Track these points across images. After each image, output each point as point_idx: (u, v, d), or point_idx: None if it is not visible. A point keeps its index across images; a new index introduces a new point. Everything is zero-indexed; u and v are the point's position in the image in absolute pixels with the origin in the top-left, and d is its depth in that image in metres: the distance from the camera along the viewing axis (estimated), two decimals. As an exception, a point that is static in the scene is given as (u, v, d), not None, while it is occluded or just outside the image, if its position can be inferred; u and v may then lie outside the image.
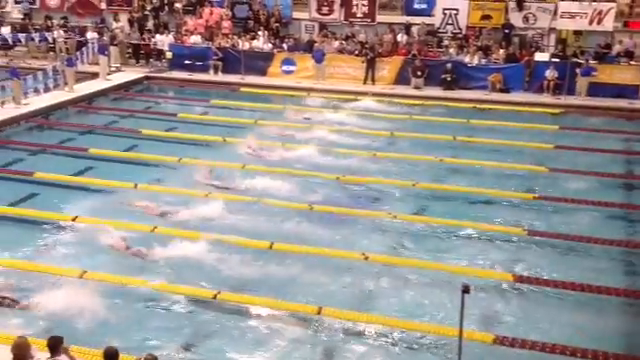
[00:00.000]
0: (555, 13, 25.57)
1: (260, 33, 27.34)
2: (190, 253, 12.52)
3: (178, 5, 29.17)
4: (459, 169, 17.60)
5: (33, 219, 13.83)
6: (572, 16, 25.07)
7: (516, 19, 26.15)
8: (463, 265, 12.50)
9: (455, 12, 26.82)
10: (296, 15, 28.55)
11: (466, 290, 8.34)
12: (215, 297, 11.06)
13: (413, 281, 12.00)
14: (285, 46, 27.06)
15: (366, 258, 12.49)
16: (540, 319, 10.90)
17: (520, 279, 11.90)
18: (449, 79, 24.82)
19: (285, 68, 26.50)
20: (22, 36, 28.25)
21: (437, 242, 13.50)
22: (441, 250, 13.11)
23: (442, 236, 13.73)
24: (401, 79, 25.43)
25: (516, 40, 26.26)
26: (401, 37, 26.65)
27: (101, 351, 7.73)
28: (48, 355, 7.68)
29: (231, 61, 26.55)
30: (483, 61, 25.28)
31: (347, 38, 27.03)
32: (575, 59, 24.39)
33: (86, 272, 11.51)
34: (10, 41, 28.24)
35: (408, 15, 27.57)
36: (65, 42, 28.09)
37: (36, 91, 22.86)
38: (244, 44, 26.91)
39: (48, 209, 14.30)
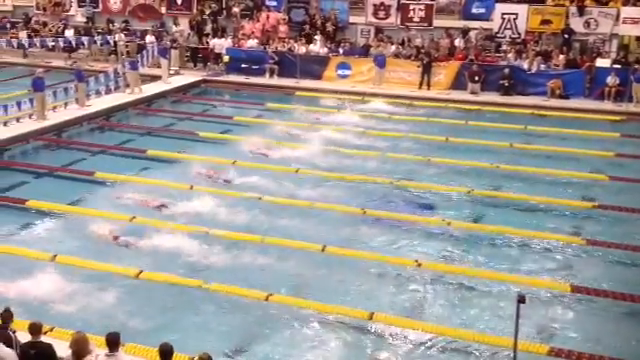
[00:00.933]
0: (617, 18, 24.94)
1: (316, 37, 27.44)
2: (243, 255, 12.66)
3: (236, 9, 29.52)
4: (516, 176, 17.29)
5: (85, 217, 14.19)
6: (635, 22, 24.42)
7: (577, 24, 25.56)
8: (519, 274, 12.27)
9: (514, 17, 26.39)
10: (352, 19, 28.55)
11: (522, 300, 8.21)
12: (267, 299, 11.13)
13: (466, 289, 11.84)
14: (341, 50, 27.10)
15: (419, 265, 12.39)
16: (597, 331, 10.64)
17: (578, 290, 11.61)
18: (507, 84, 24.44)
19: (340, 72, 26.53)
20: (85, 39, 29.02)
21: (492, 250, 13.29)
22: (496, 258, 12.89)
23: (497, 244, 13.51)
24: (457, 84, 25.16)
25: (577, 46, 25.66)
26: (458, 42, 26.37)
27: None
28: (106, 351, 7.85)
29: (287, 65, 26.72)
30: (542, 67, 24.79)
31: (403, 42, 26.90)
32: (638, 65, 23.69)
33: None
34: (73, 44, 29.03)
35: (466, 19, 27.26)
36: (126, 45, 28.76)
37: (97, 93, 23.45)
38: (300, 48, 27.06)
39: (104, 208, 14.64)
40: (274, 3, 29.14)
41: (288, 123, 21.31)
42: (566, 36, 25.49)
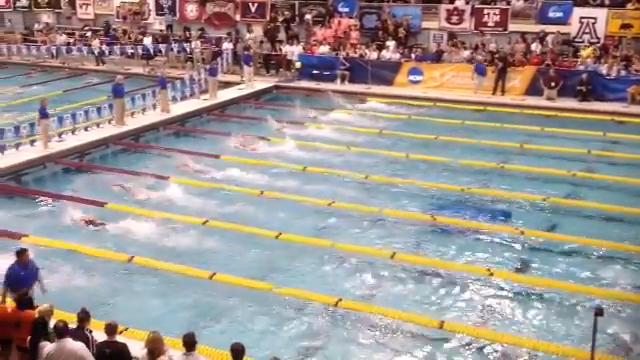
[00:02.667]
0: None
1: (388, 43, 27.36)
2: (311, 259, 12.75)
3: (308, 16, 29.77)
4: (593, 184, 16.79)
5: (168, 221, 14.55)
6: None
7: (659, 28, 24.64)
8: (596, 286, 11.90)
9: (593, 21, 25.65)
10: (425, 25, 28.33)
11: (599, 313, 7.99)
12: (337, 304, 11.15)
13: (540, 300, 11.57)
14: (413, 56, 26.93)
15: (491, 274, 12.17)
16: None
17: (659, 303, 11.18)
18: (584, 90, 23.73)
19: (412, 78, 26.35)
20: (162, 46, 29.86)
21: (568, 260, 12.92)
22: (572, 269, 12.53)
23: (573, 255, 13.13)
24: (533, 90, 24.59)
25: (659, 50, 24.73)
26: (535, 46, 25.80)
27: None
28: (183, 351, 8.04)
29: (358, 71, 26.75)
30: (622, 72, 23.96)
31: (477, 47, 26.51)
32: None
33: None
34: (152, 51, 29.90)
35: (542, 24, 26.66)
36: (202, 52, 29.41)
37: (174, 99, 24.05)
38: (371, 54, 27.04)
39: (180, 213, 15.00)
40: (346, 9, 29.24)
41: (359, 129, 21.31)
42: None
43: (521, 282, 12.08)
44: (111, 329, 8.31)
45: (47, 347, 8.04)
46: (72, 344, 7.96)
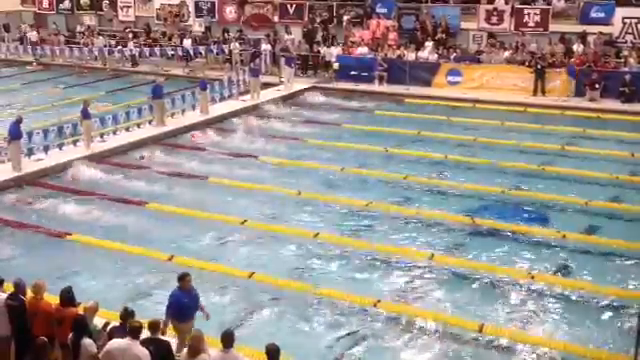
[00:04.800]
0: None
1: (427, 43, 27.20)
2: (350, 260, 12.75)
3: (346, 17, 29.77)
4: (637, 187, 16.47)
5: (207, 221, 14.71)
6: None
7: None
8: (639, 290, 11.66)
9: (636, 21, 25.16)
10: (464, 25, 28.10)
11: (643, 318, 7.83)
12: (375, 305, 11.15)
13: (582, 304, 11.40)
14: (451, 57, 26.74)
15: (532, 277, 12.03)
16: None
17: None
18: (628, 91, 23.28)
19: (451, 79, 26.16)
20: (202, 48, 30.15)
21: (610, 264, 12.71)
22: (614, 273, 12.31)
23: (615, 258, 12.89)
24: (575, 91, 24.19)
25: None
26: (576, 47, 25.40)
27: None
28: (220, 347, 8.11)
29: (396, 72, 26.66)
30: (667, 72, 23.48)
31: (517, 48, 26.20)
32: None
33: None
34: (191, 53, 30.22)
35: (584, 24, 26.24)
36: (240, 54, 29.64)
37: (212, 100, 24.26)
38: (409, 55, 26.92)
39: (221, 212, 15.16)
40: (384, 10, 29.17)
41: (396, 130, 21.26)
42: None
43: (563, 285, 11.90)
44: (154, 326, 8.38)
45: (113, 342, 8.02)
46: (140, 349, 7.92)
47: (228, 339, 8.05)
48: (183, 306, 9.16)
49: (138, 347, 7.94)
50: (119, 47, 31.30)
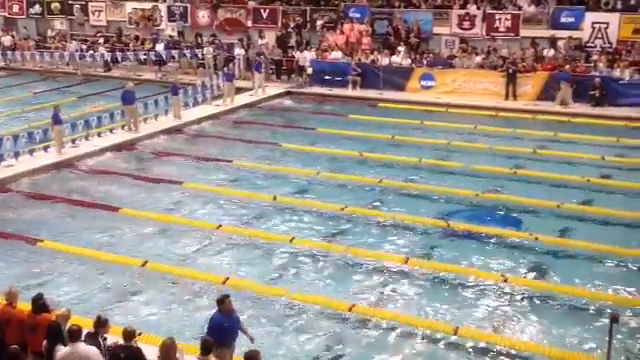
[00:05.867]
0: None
1: (400, 48, 27.36)
2: (324, 264, 12.74)
3: (320, 22, 29.82)
4: (608, 190, 16.70)
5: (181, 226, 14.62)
6: None
7: (673, 32, 24.51)
8: (612, 292, 11.83)
9: (605, 26, 25.55)
10: (436, 30, 28.29)
11: (615, 319, 7.95)
12: (350, 309, 11.16)
13: (555, 306, 11.50)
14: (424, 61, 26.92)
15: (505, 280, 12.13)
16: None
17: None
18: (598, 95, 23.63)
19: (424, 83, 26.33)
20: (175, 52, 29.98)
21: (582, 267, 12.85)
22: (588, 276, 12.43)
23: (588, 261, 13.04)
24: (545, 95, 24.51)
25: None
26: (547, 51, 25.74)
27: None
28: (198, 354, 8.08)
29: (370, 76, 26.76)
30: (636, 77, 23.85)
31: (489, 53, 26.47)
32: None
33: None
34: (164, 57, 30.03)
35: (554, 29, 26.58)
36: (214, 58, 29.51)
37: (186, 105, 24.12)
38: (383, 59, 27.04)
39: (195, 217, 15.11)
40: (358, 15, 29.26)
41: (370, 134, 21.33)
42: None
43: (536, 288, 12.02)
44: (128, 334, 8.34)
45: (60, 350, 8.07)
46: (85, 348, 7.99)
47: (206, 346, 8.02)
48: (223, 330, 8.68)
49: (81, 347, 7.99)
50: (90, 52, 30.99)
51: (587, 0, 26.73)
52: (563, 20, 26.61)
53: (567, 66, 24.40)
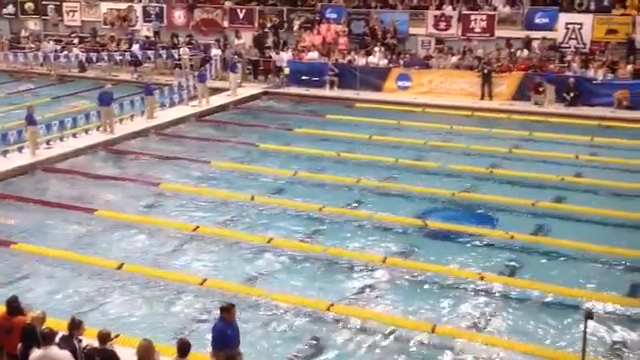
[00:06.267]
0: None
1: (376, 49, 27.46)
2: (303, 265, 12.74)
3: (297, 22, 29.81)
4: (582, 188, 16.90)
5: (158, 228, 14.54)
6: None
7: (645, 33, 24.87)
8: (586, 289, 11.97)
9: (579, 27, 25.87)
10: (412, 31, 28.41)
11: (589, 316, 8.03)
12: (329, 309, 11.17)
13: (531, 304, 11.60)
14: (401, 62, 27.03)
15: (482, 278, 12.22)
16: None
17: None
18: (572, 95, 23.89)
19: (401, 84, 26.43)
20: (151, 53, 29.78)
21: (557, 264, 12.99)
22: (562, 273, 12.58)
23: (563, 258, 13.19)
24: (520, 95, 24.75)
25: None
26: (521, 52, 25.99)
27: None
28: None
29: (347, 77, 26.81)
30: (609, 77, 24.18)
31: (464, 53, 26.66)
32: None
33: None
34: (140, 58, 29.80)
35: (529, 30, 26.85)
36: (190, 59, 29.37)
37: (162, 105, 23.98)
38: (360, 60, 27.11)
39: (172, 218, 15.04)
40: (334, 15, 29.30)
41: (348, 135, 21.38)
42: (629, 46, 24.80)
43: (512, 285, 12.12)
44: (103, 337, 8.28)
45: (33, 354, 7.98)
46: (58, 352, 7.91)
47: (184, 348, 7.99)
48: (226, 338, 8.64)
49: (54, 351, 7.91)
50: (65, 52, 30.68)
51: (561, 1, 27.08)
52: (537, 21, 26.89)
53: (551, 66, 24.69)
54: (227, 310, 8.76)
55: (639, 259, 12.99)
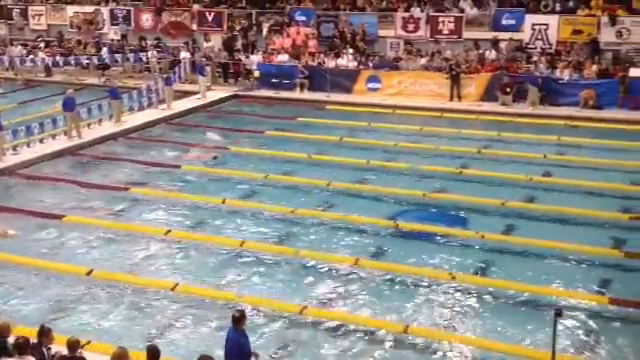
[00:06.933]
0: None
1: (345, 51, 27.52)
2: (274, 267, 12.70)
3: (266, 25, 29.76)
4: (550, 188, 17.12)
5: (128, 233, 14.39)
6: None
7: (609, 34, 25.27)
8: (555, 287, 12.14)
9: (545, 27, 26.23)
10: (382, 33, 28.56)
11: (559, 313, 8.13)
12: (301, 312, 11.16)
13: (502, 302, 11.72)
14: (370, 64, 27.13)
15: (453, 278, 12.31)
16: (637, 345, 10.42)
17: (617, 302, 11.44)
18: (539, 95, 24.18)
19: (371, 85, 26.52)
20: (119, 57, 29.48)
21: (527, 263, 13.14)
22: (531, 271, 12.72)
23: (533, 257, 13.34)
24: (488, 96, 25.00)
25: (609, 55, 25.36)
26: (488, 53, 26.27)
27: None
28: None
29: (317, 79, 26.84)
30: (575, 76, 24.54)
31: (433, 55, 26.86)
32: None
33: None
34: (108, 61, 29.48)
35: (496, 31, 27.15)
36: (158, 62, 29.15)
37: (131, 109, 23.76)
38: (330, 62, 27.15)
39: (143, 223, 14.91)
40: (303, 18, 29.33)
41: (319, 137, 21.39)
42: (593, 46, 25.23)
43: (483, 285, 12.22)
44: (73, 345, 8.17)
45: None
46: None
47: (154, 354, 7.91)
48: (241, 347, 8.47)
49: None
50: (31, 56, 30.23)
51: (527, 2, 27.42)
52: (504, 22, 27.22)
53: (531, 67, 24.96)
54: (239, 319, 8.57)
55: (608, 257, 13.20)
